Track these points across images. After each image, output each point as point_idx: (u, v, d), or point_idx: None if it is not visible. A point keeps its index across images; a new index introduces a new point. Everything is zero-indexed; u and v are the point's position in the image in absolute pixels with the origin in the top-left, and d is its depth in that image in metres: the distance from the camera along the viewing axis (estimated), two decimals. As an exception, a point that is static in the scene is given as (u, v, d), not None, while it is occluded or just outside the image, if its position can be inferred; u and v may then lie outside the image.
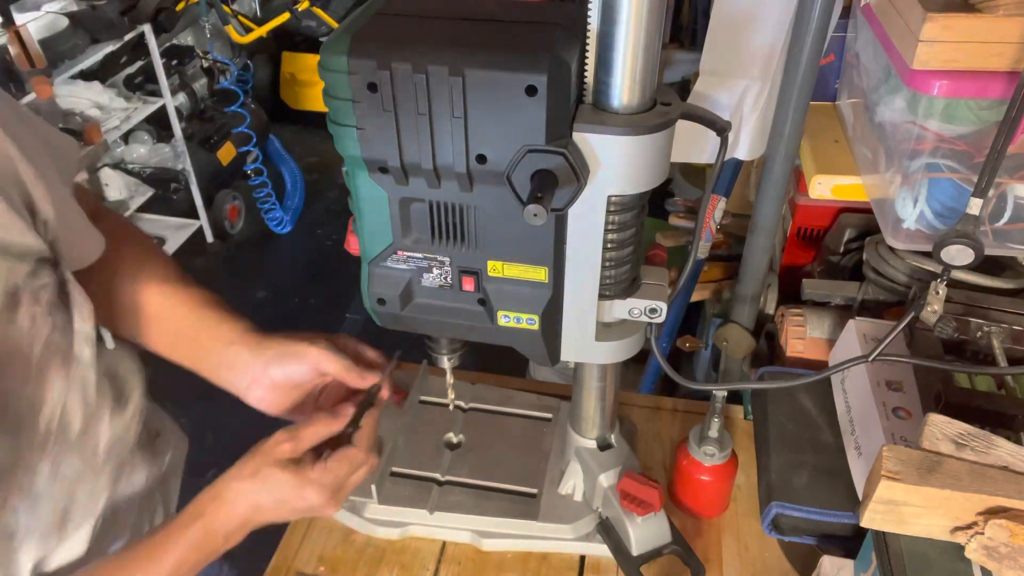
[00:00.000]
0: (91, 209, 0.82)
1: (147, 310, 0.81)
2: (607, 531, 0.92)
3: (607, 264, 0.72)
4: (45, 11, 2.60)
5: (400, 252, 0.73)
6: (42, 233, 0.65)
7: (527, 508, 0.96)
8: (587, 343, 0.77)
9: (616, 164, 0.64)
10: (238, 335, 0.80)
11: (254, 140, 3.35)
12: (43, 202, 0.64)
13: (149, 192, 3.09)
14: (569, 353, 0.79)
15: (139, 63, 3.08)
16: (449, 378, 0.93)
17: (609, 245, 0.71)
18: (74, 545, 0.73)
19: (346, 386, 0.82)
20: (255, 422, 0.85)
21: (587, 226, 0.68)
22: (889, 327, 0.86)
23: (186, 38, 3.42)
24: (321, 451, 0.75)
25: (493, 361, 1.13)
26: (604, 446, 0.94)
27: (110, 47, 2.69)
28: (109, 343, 0.79)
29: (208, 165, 3.19)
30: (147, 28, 2.77)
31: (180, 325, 0.81)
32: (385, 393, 0.82)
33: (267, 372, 0.78)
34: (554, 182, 0.62)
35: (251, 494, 0.71)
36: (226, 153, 3.28)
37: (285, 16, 3.48)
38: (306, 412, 0.83)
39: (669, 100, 0.66)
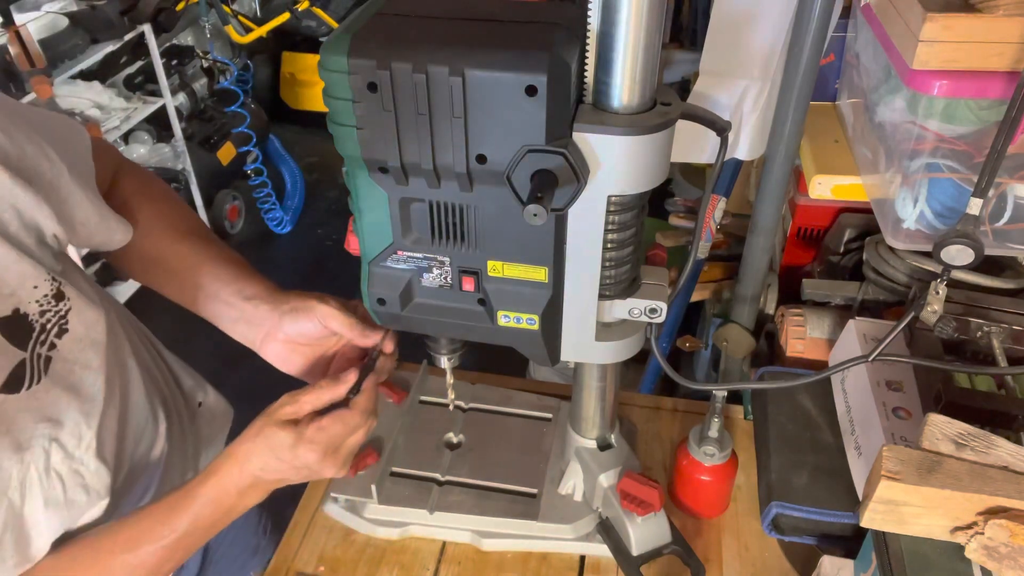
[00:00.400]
0: (114, 168, 0.87)
1: (169, 264, 0.85)
2: (607, 531, 0.92)
3: (607, 264, 0.72)
4: (45, 11, 2.59)
5: (400, 252, 0.73)
6: (54, 246, 0.69)
7: (527, 508, 0.96)
8: (587, 343, 0.77)
9: (616, 164, 0.64)
10: (258, 291, 0.83)
11: (254, 140, 3.35)
12: (48, 220, 0.67)
13: (149, 192, 3.08)
14: (569, 353, 0.79)
15: (139, 63, 3.07)
16: (449, 378, 0.93)
17: (609, 245, 0.71)
18: (93, 512, 0.77)
19: (357, 352, 0.84)
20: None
21: (587, 226, 0.68)
22: (889, 327, 0.86)
23: (186, 38, 3.42)
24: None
25: (493, 361, 1.13)
26: (604, 446, 0.94)
27: (110, 47, 2.69)
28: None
29: (208, 165, 3.19)
30: (147, 28, 2.77)
31: (201, 280, 0.83)
32: (388, 347, 0.83)
33: (281, 327, 0.81)
34: (554, 182, 0.62)
35: (256, 452, 0.74)
36: (226, 153, 3.28)
37: (285, 16, 3.48)
38: (318, 375, 0.85)
39: (669, 100, 0.66)
